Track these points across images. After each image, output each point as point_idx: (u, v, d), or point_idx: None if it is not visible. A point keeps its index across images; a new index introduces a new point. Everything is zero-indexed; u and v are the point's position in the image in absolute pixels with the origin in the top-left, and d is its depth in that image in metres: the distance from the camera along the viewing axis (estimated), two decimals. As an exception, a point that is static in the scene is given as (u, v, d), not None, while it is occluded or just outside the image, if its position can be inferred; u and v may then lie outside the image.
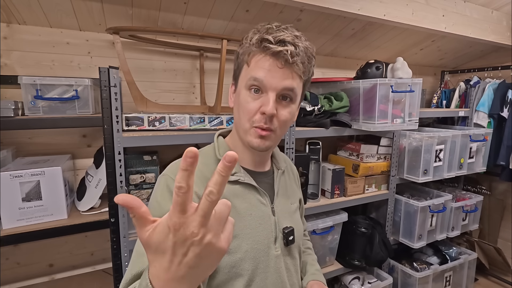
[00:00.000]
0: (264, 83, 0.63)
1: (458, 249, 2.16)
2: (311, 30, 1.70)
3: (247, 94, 0.65)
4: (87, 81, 1.20)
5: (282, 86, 0.63)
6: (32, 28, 1.32)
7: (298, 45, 0.63)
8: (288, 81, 0.63)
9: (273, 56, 0.62)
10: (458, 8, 1.81)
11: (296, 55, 0.62)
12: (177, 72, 1.62)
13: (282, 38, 0.61)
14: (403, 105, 1.55)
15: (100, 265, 1.56)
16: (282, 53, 0.61)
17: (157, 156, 1.37)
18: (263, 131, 0.64)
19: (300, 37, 0.65)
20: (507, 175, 2.10)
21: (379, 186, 1.79)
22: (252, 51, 0.64)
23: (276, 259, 0.70)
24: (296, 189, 0.87)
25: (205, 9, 1.40)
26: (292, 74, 0.63)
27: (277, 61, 0.62)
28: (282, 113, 0.65)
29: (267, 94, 0.63)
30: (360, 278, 1.77)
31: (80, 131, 1.44)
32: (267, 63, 0.63)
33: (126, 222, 1.12)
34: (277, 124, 0.65)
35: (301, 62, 0.63)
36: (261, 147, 0.65)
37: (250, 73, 0.64)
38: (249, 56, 0.65)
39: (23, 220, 1.12)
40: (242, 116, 0.66)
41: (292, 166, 0.92)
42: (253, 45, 0.64)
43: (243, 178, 0.69)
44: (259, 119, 0.64)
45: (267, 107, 0.62)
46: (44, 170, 1.12)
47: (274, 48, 0.61)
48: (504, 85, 2.15)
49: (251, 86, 0.64)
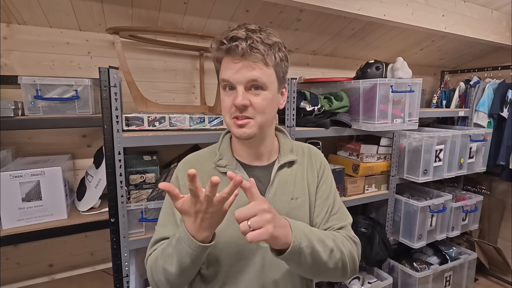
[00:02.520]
0: (231, 81, 0.69)
1: (458, 249, 2.16)
2: (311, 30, 1.70)
3: (223, 93, 0.72)
4: (87, 81, 1.20)
5: (245, 79, 0.68)
6: (32, 28, 1.32)
7: (251, 37, 0.67)
8: (249, 73, 0.68)
9: (228, 54, 0.68)
10: (458, 8, 1.81)
11: (250, 46, 0.66)
12: (177, 72, 1.62)
13: (232, 36, 0.67)
14: (403, 105, 1.55)
15: (100, 265, 1.57)
16: (232, 48, 0.66)
17: (157, 156, 1.37)
18: (240, 120, 0.71)
19: (255, 30, 0.69)
20: (507, 175, 2.10)
21: (379, 186, 1.79)
22: (217, 57, 0.72)
23: (263, 250, 0.75)
24: (311, 183, 0.83)
25: (205, 9, 1.40)
26: (252, 65, 0.68)
27: (232, 57, 0.68)
28: (255, 101, 0.70)
29: (237, 89, 0.70)
30: (360, 278, 1.77)
31: (80, 131, 1.44)
32: (227, 63, 0.69)
33: (126, 222, 1.12)
34: (253, 111, 0.70)
35: (258, 53, 0.67)
36: (243, 135, 0.71)
37: (221, 76, 0.72)
38: (217, 62, 0.73)
39: (23, 220, 1.12)
40: (223, 113, 0.74)
41: (314, 156, 0.87)
42: (214, 49, 0.71)
43: (233, 170, 0.76)
44: (234, 110, 0.71)
45: (237, 100, 0.69)
46: (44, 170, 1.12)
47: (226, 47, 0.67)
48: (504, 85, 2.15)
49: (225, 86, 0.71)
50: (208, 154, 0.83)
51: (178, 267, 0.64)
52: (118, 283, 1.14)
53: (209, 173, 0.77)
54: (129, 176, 1.26)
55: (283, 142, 0.85)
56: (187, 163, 0.82)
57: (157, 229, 0.78)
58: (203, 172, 0.78)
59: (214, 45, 0.71)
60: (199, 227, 0.61)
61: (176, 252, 0.63)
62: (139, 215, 1.17)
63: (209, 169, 0.79)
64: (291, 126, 1.43)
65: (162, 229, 0.76)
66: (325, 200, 0.84)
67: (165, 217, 0.78)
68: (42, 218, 1.15)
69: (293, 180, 0.81)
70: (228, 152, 0.80)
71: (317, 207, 0.84)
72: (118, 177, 1.09)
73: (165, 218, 0.77)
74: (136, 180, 1.27)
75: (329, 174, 0.89)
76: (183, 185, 0.77)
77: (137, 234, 1.17)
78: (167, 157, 1.55)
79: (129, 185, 1.26)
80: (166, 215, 0.77)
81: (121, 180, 1.10)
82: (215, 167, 0.79)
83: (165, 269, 0.66)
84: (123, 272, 1.14)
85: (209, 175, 0.75)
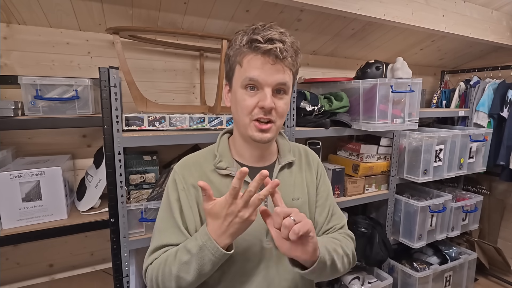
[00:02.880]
0: (259, 81, 0.67)
1: (458, 249, 2.16)
2: (311, 30, 1.70)
3: (244, 93, 0.70)
4: (87, 81, 1.20)
5: (276, 81, 0.68)
6: (32, 28, 1.32)
7: (285, 41, 0.67)
8: (281, 76, 0.68)
9: (264, 54, 0.67)
10: (458, 8, 1.81)
11: (285, 50, 0.67)
12: (177, 72, 1.62)
13: (270, 37, 0.66)
14: (403, 105, 1.55)
15: (100, 265, 1.57)
16: (272, 50, 0.66)
17: (157, 156, 1.37)
18: (264, 125, 0.70)
19: (285, 33, 0.69)
20: (507, 175, 2.10)
21: (379, 186, 1.79)
22: (243, 52, 0.69)
23: (268, 251, 0.75)
24: (310, 183, 0.85)
25: (205, 9, 1.40)
26: (283, 69, 0.68)
27: (268, 58, 0.67)
28: (279, 105, 0.70)
29: (263, 90, 0.68)
30: (360, 278, 1.77)
31: (80, 131, 1.44)
32: (259, 62, 0.67)
33: (126, 222, 1.12)
34: (276, 115, 0.70)
35: (290, 57, 0.68)
36: (264, 139, 0.71)
37: (244, 73, 0.69)
38: (240, 57, 0.70)
39: (23, 220, 1.12)
40: (241, 112, 0.71)
41: (310, 157, 0.89)
42: (244, 46, 0.68)
43: (234, 172, 0.75)
44: (257, 112, 0.69)
45: (266, 102, 0.67)
46: (44, 170, 1.12)
47: (264, 47, 0.65)
48: (504, 85, 2.15)
49: (247, 85, 0.69)
50: (205, 155, 0.81)
51: (197, 274, 0.63)
52: (118, 283, 1.14)
53: (208, 176, 0.76)
54: (129, 176, 1.26)
55: (281, 143, 0.85)
56: (185, 165, 0.79)
57: (156, 235, 0.75)
58: (202, 174, 0.77)
59: (244, 41, 0.68)
60: (224, 232, 0.60)
61: (196, 260, 0.62)
62: (139, 215, 1.17)
63: (208, 171, 0.77)
64: (291, 126, 1.43)
65: (162, 235, 0.73)
66: (325, 200, 0.86)
67: (164, 221, 0.75)
68: (42, 218, 1.14)
69: (293, 180, 0.82)
70: (228, 154, 0.79)
71: (319, 207, 0.86)
72: (118, 177, 1.09)
73: (164, 223, 0.75)
74: (136, 180, 1.27)
75: (326, 174, 0.92)
76: (182, 189, 0.75)
77: (137, 234, 1.17)
78: (167, 157, 1.55)
79: (129, 185, 1.26)
80: (165, 220, 0.75)
81: (121, 180, 1.10)
82: (214, 169, 0.77)
83: (179, 277, 0.65)
84: (123, 272, 1.14)
85: (208, 178, 0.76)
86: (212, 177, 0.76)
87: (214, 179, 0.76)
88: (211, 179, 0.76)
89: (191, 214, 0.74)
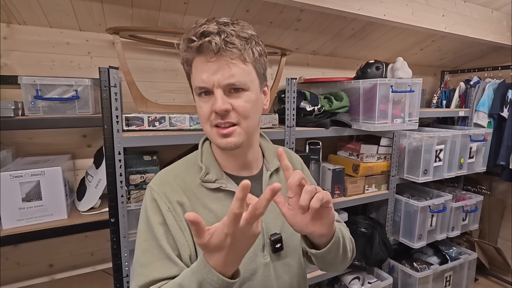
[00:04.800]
0: (207, 85, 0.60)
1: (458, 249, 2.16)
2: (311, 30, 1.70)
3: (199, 100, 0.63)
4: (87, 81, 1.20)
5: (224, 80, 0.59)
6: (32, 28, 1.32)
7: (224, 30, 0.58)
8: (227, 72, 0.59)
9: (201, 53, 0.59)
10: (458, 8, 1.81)
11: (225, 42, 0.57)
12: (177, 72, 1.62)
13: (202, 31, 0.57)
14: (403, 105, 1.55)
15: (100, 265, 1.56)
16: (205, 45, 0.57)
17: (157, 156, 1.37)
18: (224, 129, 0.62)
19: (227, 23, 0.59)
20: (507, 175, 2.10)
21: (379, 186, 1.79)
22: (187, 59, 0.62)
23: (265, 266, 0.68)
24: None
25: (205, 9, 1.40)
26: (229, 63, 0.59)
27: (206, 56, 0.58)
28: (237, 104, 0.61)
29: (214, 93, 0.60)
30: (360, 278, 1.77)
31: (80, 131, 1.44)
32: (200, 64, 0.60)
33: (126, 222, 1.12)
34: (237, 117, 0.62)
35: (234, 47, 0.58)
36: (229, 145, 0.63)
37: (194, 82, 0.63)
38: (187, 65, 0.63)
39: (23, 220, 1.12)
40: (201, 121, 0.65)
41: (294, 159, 0.85)
42: (183, 52, 0.61)
43: (225, 185, 0.68)
44: (214, 117, 0.61)
45: (216, 105, 0.59)
46: (44, 170, 1.12)
47: (195, 44, 0.58)
48: (504, 85, 2.15)
49: (200, 93, 0.62)
50: (186, 167, 0.71)
51: None
52: (118, 283, 1.14)
53: (194, 191, 0.67)
54: (129, 176, 1.25)
55: (265, 146, 0.78)
56: (164, 181, 0.67)
57: (139, 270, 0.61)
58: (186, 189, 0.67)
59: (183, 45, 0.61)
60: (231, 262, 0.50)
61: None
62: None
63: (194, 185, 0.68)
64: (291, 126, 1.43)
65: (146, 269, 0.61)
66: None
67: (148, 254, 0.62)
68: (42, 218, 1.14)
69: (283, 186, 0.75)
70: (214, 164, 0.70)
71: None
72: (118, 177, 1.09)
73: (148, 255, 0.62)
74: (136, 180, 1.27)
75: (308, 170, 0.89)
76: (167, 210, 0.64)
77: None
78: (167, 157, 1.54)
79: (129, 185, 1.26)
80: (149, 252, 0.62)
81: (121, 180, 1.10)
82: (200, 183, 0.68)
83: None
84: (123, 272, 1.14)
85: (194, 192, 0.67)
86: (199, 192, 0.67)
87: (201, 194, 0.67)
88: (198, 195, 0.67)
89: (183, 237, 0.63)
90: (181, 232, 0.64)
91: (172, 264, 0.61)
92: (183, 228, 0.64)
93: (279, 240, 0.69)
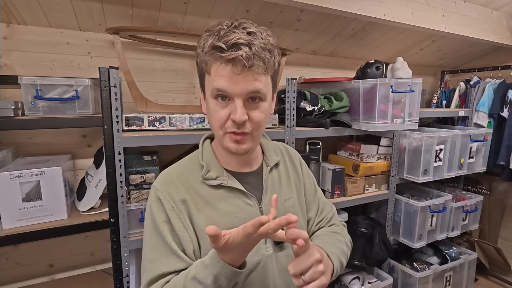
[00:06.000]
0: (228, 92, 0.60)
1: (458, 249, 2.16)
2: (311, 30, 1.70)
3: (215, 103, 0.63)
4: (87, 81, 1.20)
5: (246, 91, 0.60)
6: (32, 28, 1.32)
7: (254, 43, 0.58)
8: (251, 84, 0.60)
9: (229, 63, 0.59)
10: (458, 8, 1.81)
11: (254, 56, 0.58)
12: (177, 72, 1.62)
13: (234, 42, 0.57)
14: (403, 105, 1.55)
15: (100, 265, 1.56)
16: (237, 59, 0.57)
17: (157, 156, 1.37)
18: (238, 136, 0.63)
19: (254, 33, 0.60)
20: (507, 175, 2.10)
21: (379, 186, 1.79)
22: (209, 60, 0.61)
23: (267, 258, 0.71)
24: (297, 181, 0.83)
25: (205, 9, 1.40)
26: (254, 76, 0.60)
27: (234, 67, 0.59)
28: (254, 115, 0.63)
29: (234, 102, 0.61)
30: (360, 278, 1.77)
31: (80, 131, 1.44)
32: (225, 71, 0.59)
33: (126, 222, 1.12)
34: (251, 126, 0.64)
35: (261, 61, 0.59)
36: (240, 151, 0.65)
37: (212, 83, 0.62)
38: (207, 66, 0.63)
39: (23, 220, 1.12)
40: (214, 124, 0.65)
41: (292, 154, 0.87)
42: (207, 54, 0.61)
43: (225, 182, 0.70)
44: (231, 125, 0.63)
45: (236, 115, 0.60)
46: (44, 170, 1.12)
47: (227, 56, 0.57)
48: (504, 85, 2.15)
49: (216, 96, 0.62)
50: (188, 166, 0.74)
51: None
52: (118, 283, 1.14)
53: (196, 189, 0.70)
54: (129, 176, 1.25)
55: (264, 143, 0.81)
56: (168, 181, 0.70)
57: (147, 266, 0.66)
58: (189, 187, 0.70)
59: (206, 48, 0.60)
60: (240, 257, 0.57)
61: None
62: (139, 215, 1.17)
63: (196, 183, 0.70)
64: (291, 126, 1.43)
65: (155, 265, 0.65)
66: (314, 194, 0.88)
67: (155, 250, 0.66)
68: (42, 218, 1.14)
69: (281, 181, 0.80)
70: (215, 162, 0.72)
71: (309, 203, 0.86)
72: (118, 177, 1.09)
73: (155, 251, 0.66)
74: (136, 180, 1.26)
75: (307, 167, 0.91)
76: (171, 209, 0.67)
77: (137, 234, 1.17)
78: (167, 157, 1.54)
79: (129, 185, 1.26)
80: (156, 248, 0.66)
81: (121, 180, 1.10)
82: (202, 180, 0.70)
83: None
84: (123, 272, 1.14)
85: (196, 190, 0.70)
86: (201, 190, 0.70)
87: (203, 191, 0.70)
88: (200, 192, 0.70)
89: (186, 234, 0.67)
90: (185, 229, 0.67)
91: (178, 259, 0.65)
92: (186, 225, 0.67)
93: None
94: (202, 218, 0.68)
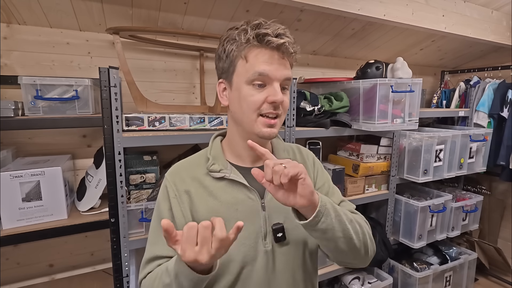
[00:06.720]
0: (269, 75, 0.66)
1: (458, 249, 2.16)
2: (311, 30, 1.70)
3: (250, 89, 0.68)
4: (87, 81, 1.20)
5: (284, 76, 0.68)
6: (32, 28, 1.32)
7: (290, 37, 0.68)
8: (287, 71, 0.69)
9: (274, 49, 0.66)
10: (458, 8, 1.81)
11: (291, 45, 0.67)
12: (177, 72, 1.62)
13: (279, 32, 0.66)
14: (403, 105, 1.55)
15: (100, 265, 1.57)
16: (284, 45, 0.65)
17: (157, 156, 1.37)
18: (272, 120, 0.69)
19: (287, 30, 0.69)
20: (507, 175, 2.10)
21: (379, 186, 1.79)
22: (249, 46, 0.67)
23: (265, 254, 0.72)
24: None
25: (205, 9, 1.40)
26: (287, 64, 0.69)
27: (277, 53, 0.66)
28: (285, 100, 0.70)
29: (272, 85, 0.67)
30: (360, 278, 1.77)
31: (80, 131, 1.44)
32: (266, 56, 0.66)
33: (126, 222, 1.12)
34: (281, 109, 0.70)
35: (293, 53, 0.69)
36: (272, 135, 0.70)
37: (252, 68, 0.66)
38: (245, 52, 0.67)
39: (23, 220, 1.12)
40: (247, 109, 0.68)
41: (305, 154, 0.87)
42: (252, 40, 0.66)
43: (228, 174, 0.73)
44: (267, 107, 0.68)
45: (277, 96, 0.66)
46: (44, 170, 1.12)
47: (276, 41, 0.64)
48: (504, 85, 2.15)
49: (255, 80, 0.67)
50: (198, 160, 0.79)
51: None
52: (118, 283, 1.14)
53: (201, 180, 0.74)
54: (129, 176, 1.26)
55: (275, 142, 0.84)
56: (176, 172, 0.76)
57: (148, 247, 0.74)
58: (194, 178, 0.74)
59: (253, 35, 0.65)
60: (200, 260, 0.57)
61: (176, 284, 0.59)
62: (139, 215, 1.17)
63: (201, 175, 0.75)
64: (291, 126, 1.43)
65: (152, 247, 0.72)
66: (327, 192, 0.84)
67: (155, 233, 0.73)
68: (42, 218, 1.15)
69: None
70: (221, 156, 0.76)
71: None
72: (118, 177, 1.09)
73: (155, 234, 0.73)
74: (136, 180, 1.27)
75: (322, 167, 0.89)
76: (174, 197, 0.72)
77: (137, 234, 1.17)
78: (167, 157, 1.54)
79: (129, 185, 1.26)
80: (156, 231, 0.72)
81: (121, 180, 1.10)
82: (207, 172, 0.74)
83: None
84: (123, 272, 1.14)
85: (200, 181, 0.74)
86: (206, 181, 0.74)
87: (207, 182, 0.74)
88: (204, 183, 0.74)
89: (184, 223, 0.69)
90: (183, 218, 0.71)
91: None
92: (186, 215, 0.72)
93: (281, 229, 0.73)
94: (203, 208, 0.71)
